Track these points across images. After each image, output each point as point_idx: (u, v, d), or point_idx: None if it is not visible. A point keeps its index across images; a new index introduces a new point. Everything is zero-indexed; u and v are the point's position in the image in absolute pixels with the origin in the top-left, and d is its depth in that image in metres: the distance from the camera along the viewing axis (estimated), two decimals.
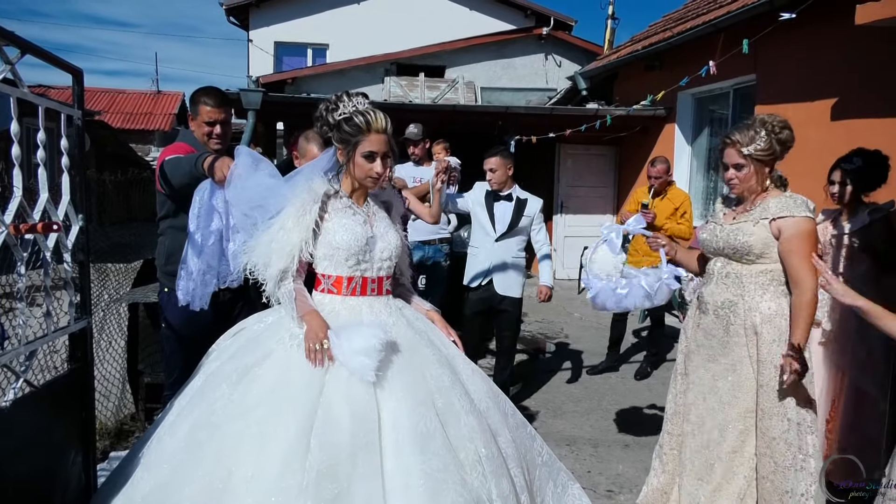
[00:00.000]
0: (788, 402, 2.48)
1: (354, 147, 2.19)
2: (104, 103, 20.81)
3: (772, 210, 2.52)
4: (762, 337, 2.52)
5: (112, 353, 4.36)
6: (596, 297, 2.88)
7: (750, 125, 2.56)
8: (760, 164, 2.55)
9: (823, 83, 5.94)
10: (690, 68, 6.65)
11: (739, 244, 2.56)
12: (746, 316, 2.56)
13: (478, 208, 4.31)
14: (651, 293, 2.81)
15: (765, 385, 2.52)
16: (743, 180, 2.58)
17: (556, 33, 13.32)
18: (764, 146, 2.51)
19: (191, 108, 3.01)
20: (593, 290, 2.88)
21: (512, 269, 4.27)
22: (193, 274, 2.47)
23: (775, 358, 2.48)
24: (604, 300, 2.87)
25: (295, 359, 2.05)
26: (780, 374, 2.42)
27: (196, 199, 2.47)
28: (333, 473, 1.80)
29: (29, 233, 1.94)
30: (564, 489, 2.40)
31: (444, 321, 2.43)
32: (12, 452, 1.84)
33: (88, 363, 2.38)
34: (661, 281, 2.82)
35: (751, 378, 2.56)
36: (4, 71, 1.83)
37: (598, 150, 10.15)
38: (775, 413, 2.50)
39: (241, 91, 8.45)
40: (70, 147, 2.20)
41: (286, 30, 15.35)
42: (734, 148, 2.56)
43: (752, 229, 2.54)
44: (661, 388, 5.03)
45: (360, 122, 2.16)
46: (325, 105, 2.24)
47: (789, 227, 2.47)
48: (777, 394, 2.49)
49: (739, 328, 2.58)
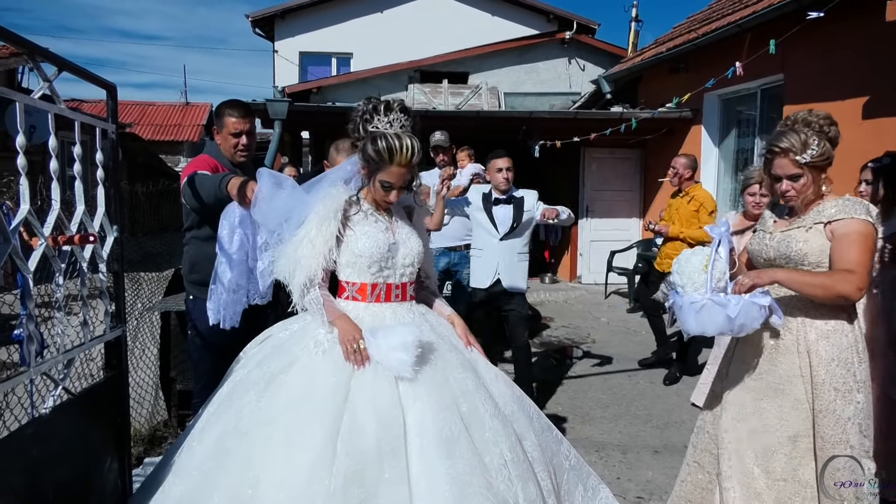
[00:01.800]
0: (851, 429, 2.27)
1: (375, 171, 2.21)
2: (135, 115, 21.26)
3: (827, 213, 2.29)
4: (818, 356, 2.29)
5: (145, 360, 4.45)
6: (737, 317, 2.20)
7: (793, 128, 2.31)
8: (817, 171, 2.30)
9: (853, 82, 5.84)
10: (716, 69, 6.59)
11: (793, 252, 2.32)
12: (799, 331, 2.33)
13: (476, 213, 4.37)
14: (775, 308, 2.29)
15: (824, 410, 2.27)
16: (801, 191, 2.32)
17: (580, 37, 13.28)
18: (819, 150, 2.27)
19: (216, 121, 3.07)
20: (734, 306, 2.20)
21: (517, 267, 4.34)
22: (224, 294, 2.54)
23: (835, 379, 2.26)
24: (747, 322, 2.23)
25: (320, 365, 2.07)
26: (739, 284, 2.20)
27: (224, 222, 2.53)
28: (360, 479, 1.82)
29: (66, 244, 2.00)
30: (595, 493, 2.38)
31: (465, 326, 2.43)
32: (52, 458, 1.90)
33: (123, 371, 2.44)
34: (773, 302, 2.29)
35: (801, 400, 2.32)
36: (43, 88, 1.89)
37: (623, 154, 10.09)
38: (838, 441, 2.26)
39: (267, 101, 8.58)
40: (105, 160, 2.26)
41: (311, 40, 15.55)
42: (787, 157, 2.29)
43: (805, 235, 2.31)
44: (691, 393, 4.97)
45: (385, 153, 2.16)
46: (361, 111, 2.22)
47: (844, 227, 2.23)
48: (837, 420, 2.26)
49: (791, 344, 2.34)
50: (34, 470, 1.80)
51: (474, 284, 4.42)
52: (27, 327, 1.81)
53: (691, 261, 2.32)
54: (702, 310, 2.23)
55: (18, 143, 1.73)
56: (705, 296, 2.23)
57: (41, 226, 1.85)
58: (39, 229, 1.84)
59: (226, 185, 2.47)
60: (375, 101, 2.22)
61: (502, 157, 4.34)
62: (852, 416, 2.26)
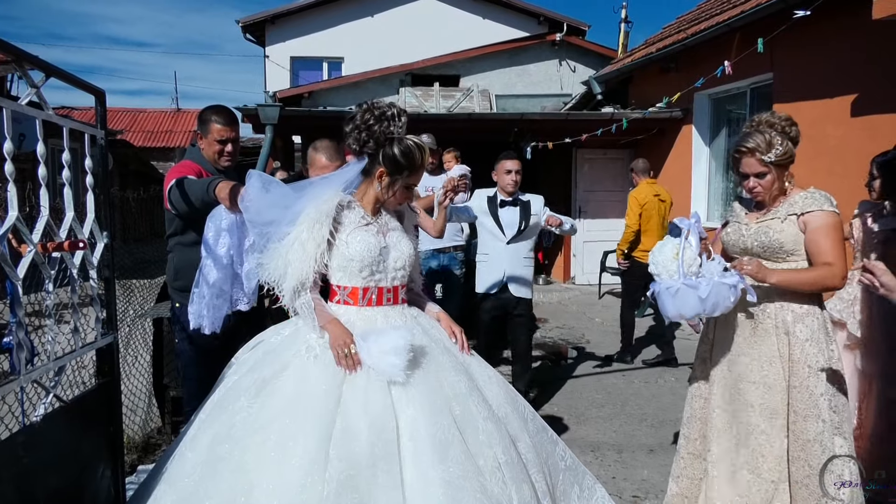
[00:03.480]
0: (822, 403, 2.43)
1: (398, 175, 2.22)
2: (126, 122, 21.20)
3: (798, 206, 2.49)
4: (795, 336, 2.48)
5: (138, 367, 4.43)
6: (708, 298, 2.35)
7: (759, 129, 2.52)
8: (781, 169, 2.52)
9: (842, 79, 5.88)
10: (706, 69, 6.63)
11: (770, 241, 2.52)
12: (777, 314, 2.52)
13: (482, 216, 4.30)
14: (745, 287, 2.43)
15: (798, 386, 2.46)
16: (767, 188, 2.53)
17: (570, 39, 13.34)
18: (783, 150, 2.48)
19: (200, 126, 3.01)
20: (704, 287, 2.34)
21: (524, 271, 4.29)
22: (206, 298, 2.51)
23: (808, 357, 2.45)
24: (720, 300, 2.36)
25: (312, 370, 2.06)
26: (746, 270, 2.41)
27: (210, 224, 2.51)
28: (353, 484, 1.81)
29: (56, 251, 1.98)
30: (591, 493, 2.38)
31: (450, 319, 2.43)
32: (44, 466, 1.88)
33: (115, 378, 2.42)
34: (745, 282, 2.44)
35: (780, 378, 2.51)
36: (30, 94, 1.88)
37: (615, 154, 10.13)
38: (810, 414, 2.43)
39: (258, 106, 8.57)
40: (94, 166, 2.24)
41: (302, 45, 15.55)
42: (753, 157, 2.50)
43: (781, 226, 2.51)
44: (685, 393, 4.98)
45: (415, 157, 2.21)
46: (375, 116, 2.18)
47: (816, 220, 2.45)
48: (810, 395, 2.44)
49: (770, 327, 2.53)
50: (26, 478, 1.79)
51: (481, 290, 4.33)
52: (17, 335, 1.80)
53: (663, 251, 2.51)
54: (677, 294, 2.41)
55: (6, 150, 1.72)
56: (678, 281, 2.41)
57: (30, 233, 1.84)
58: (28, 236, 1.82)
59: (213, 189, 2.46)
60: (386, 106, 2.21)
61: (511, 159, 4.26)
62: (824, 392, 2.44)
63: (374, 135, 2.19)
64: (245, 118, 8.99)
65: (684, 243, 2.44)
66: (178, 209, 2.76)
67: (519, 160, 4.29)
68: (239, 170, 3.06)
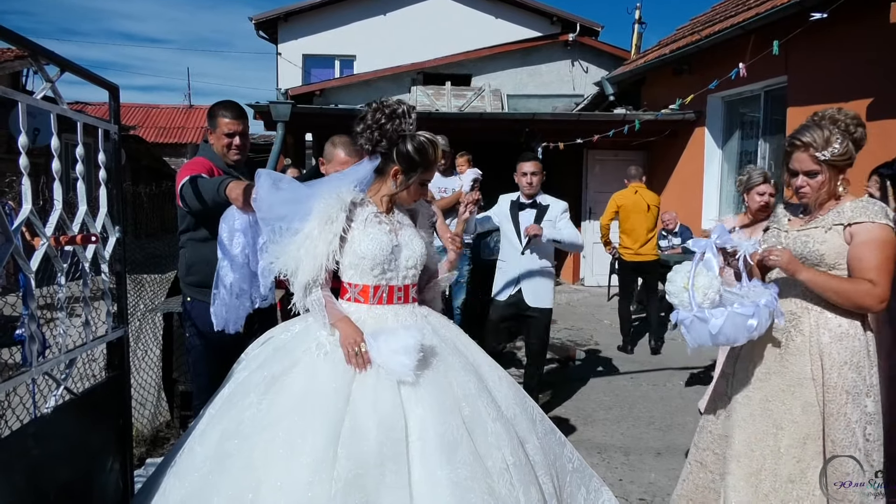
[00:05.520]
0: (858, 432, 2.24)
1: (413, 171, 2.23)
2: (138, 118, 21.31)
3: (847, 215, 2.24)
4: (831, 358, 2.25)
5: (148, 361, 4.45)
6: (721, 332, 2.19)
7: (819, 124, 2.28)
8: (836, 171, 2.26)
9: (857, 83, 5.82)
10: (720, 71, 6.59)
11: (809, 252, 2.29)
12: (812, 333, 2.29)
13: (504, 222, 4.28)
14: (774, 311, 2.27)
15: (835, 414, 2.24)
16: (815, 189, 2.28)
17: (583, 39, 13.29)
18: (841, 149, 2.23)
19: (209, 122, 3.06)
20: (716, 320, 2.18)
21: (541, 279, 4.21)
22: (227, 299, 2.55)
23: (846, 383, 2.23)
24: (734, 333, 2.21)
25: (321, 368, 2.06)
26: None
27: (224, 225, 2.53)
28: (361, 483, 1.81)
29: (69, 244, 2.00)
30: (598, 495, 2.37)
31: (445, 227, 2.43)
32: (53, 458, 1.90)
33: (125, 371, 2.44)
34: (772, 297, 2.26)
35: (812, 402, 2.29)
36: (45, 88, 1.90)
37: (626, 156, 10.06)
38: (849, 444, 2.23)
39: (270, 103, 8.60)
40: (107, 161, 2.26)
41: (314, 42, 15.58)
42: (807, 152, 2.25)
43: (824, 236, 2.27)
44: (694, 395, 4.96)
45: (430, 153, 2.22)
46: (386, 114, 2.18)
47: (865, 232, 2.20)
48: (847, 424, 2.24)
49: (803, 345, 2.30)
50: (36, 470, 1.80)
51: (495, 295, 4.31)
52: (29, 327, 1.82)
53: (675, 281, 2.32)
54: (690, 325, 2.25)
55: (21, 144, 1.74)
56: (691, 313, 2.24)
57: (43, 226, 1.86)
58: (41, 229, 1.84)
59: (224, 189, 2.47)
60: (395, 104, 2.21)
61: (528, 161, 4.19)
62: (859, 419, 2.24)
63: (386, 133, 2.18)
64: (257, 115, 9.03)
65: (696, 268, 2.27)
66: (191, 207, 2.78)
67: (538, 161, 4.23)
68: (250, 166, 3.08)
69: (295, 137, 11.26)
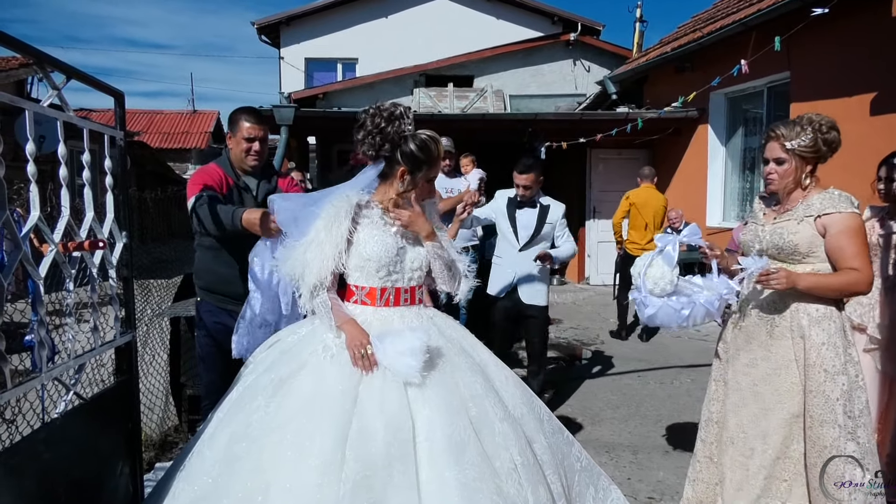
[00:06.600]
0: (837, 408, 2.40)
1: (419, 170, 2.23)
2: (143, 124, 21.41)
3: (815, 207, 2.46)
4: (810, 340, 2.45)
5: (155, 366, 4.47)
6: (655, 316, 2.62)
7: (796, 121, 2.52)
8: (802, 161, 2.49)
9: (860, 78, 5.81)
10: (722, 68, 6.57)
11: (784, 243, 2.50)
12: (793, 317, 2.49)
13: (500, 218, 4.28)
14: (713, 311, 2.57)
15: (814, 390, 2.43)
16: (782, 175, 2.52)
17: (584, 38, 13.28)
18: (808, 142, 2.46)
19: (230, 126, 3.13)
20: (651, 308, 2.62)
21: (536, 278, 4.23)
22: (251, 328, 2.64)
23: (825, 361, 2.42)
24: (666, 320, 2.62)
25: (328, 370, 2.07)
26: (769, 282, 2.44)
27: (255, 260, 2.62)
28: (369, 484, 1.81)
29: (76, 250, 2.01)
30: (606, 494, 2.37)
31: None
32: (64, 462, 1.91)
33: (134, 376, 2.45)
34: (721, 298, 2.56)
35: (796, 382, 2.48)
36: (52, 96, 1.91)
37: (629, 154, 10.07)
38: (826, 420, 2.40)
39: (273, 107, 8.63)
40: (113, 167, 2.27)
41: (316, 46, 15.62)
42: (777, 141, 2.51)
43: (796, 227, 2.48)
44: (701, 394, 4.92)
45: (433, 150, 2.23)
46: (385, 117, 2.19)
47: (836, 224, 2.41)
48: (826, 400, 2.40)
49: (785, 330, 2.50)
50: (46, 474, 1.81)
51: (492, 293, 4.31)
52: (38, 333, 1.83)
53: (637, 266, 2.71)
54: (639, 306, 2.69)
55: (29, 151, 1.75)
56: (638, 295, 2.67)
57: (51, 232, 1.87)
58: (50, 235, 1.85)
59: (239, 219, 2.62)
60: (391, 106, 2.22)
61: (522, 174, 4.12)
62: (839, 396, 2.41)
63: (388, 136, 2.19)
64: None
65: (650, 261, 2.64)
66: (207, 230, 2.86)
67: (532, 175, 4.13)
68: (267, 169, 3.15)
69: (298, 141, 11.30)
